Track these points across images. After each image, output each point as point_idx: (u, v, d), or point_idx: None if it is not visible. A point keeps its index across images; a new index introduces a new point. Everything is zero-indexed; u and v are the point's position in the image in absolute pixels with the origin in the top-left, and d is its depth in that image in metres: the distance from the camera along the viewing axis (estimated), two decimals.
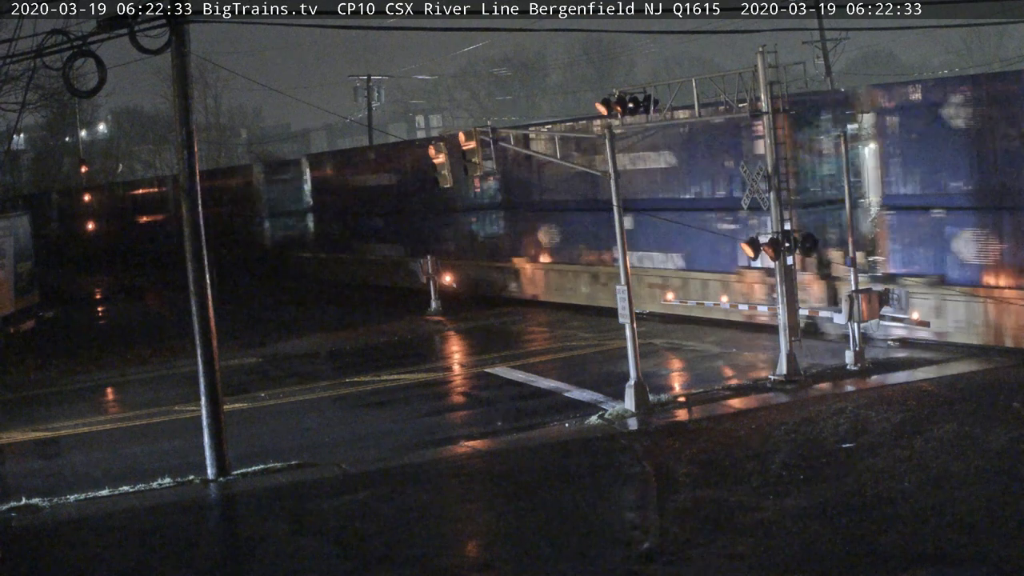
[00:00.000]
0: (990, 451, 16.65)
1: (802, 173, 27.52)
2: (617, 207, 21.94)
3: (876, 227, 26.32)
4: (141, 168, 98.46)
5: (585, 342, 29.30)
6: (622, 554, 14.13)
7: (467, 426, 22.10)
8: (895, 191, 25.82)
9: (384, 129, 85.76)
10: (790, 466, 16.91)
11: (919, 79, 28.41)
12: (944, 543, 13.49)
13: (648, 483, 16.90)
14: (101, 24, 18.26)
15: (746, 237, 23.45)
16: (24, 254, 36.08)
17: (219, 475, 18.98)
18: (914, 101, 25.41)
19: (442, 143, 24.88)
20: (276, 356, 31.14)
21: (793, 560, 13.41)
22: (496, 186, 37.92)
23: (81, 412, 25.56)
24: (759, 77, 22.28)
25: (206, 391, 19.26)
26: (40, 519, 17.49)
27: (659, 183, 31.49)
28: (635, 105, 22.84)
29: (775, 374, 22.61)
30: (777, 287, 22.89)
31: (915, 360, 23.64)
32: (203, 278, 19.25)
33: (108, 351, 33.37)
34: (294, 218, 53.14)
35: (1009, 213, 23.53)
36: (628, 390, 21.43)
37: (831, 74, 51.00)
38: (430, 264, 36.32)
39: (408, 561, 14.53)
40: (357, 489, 17.86)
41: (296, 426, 23.01)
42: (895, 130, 25.73)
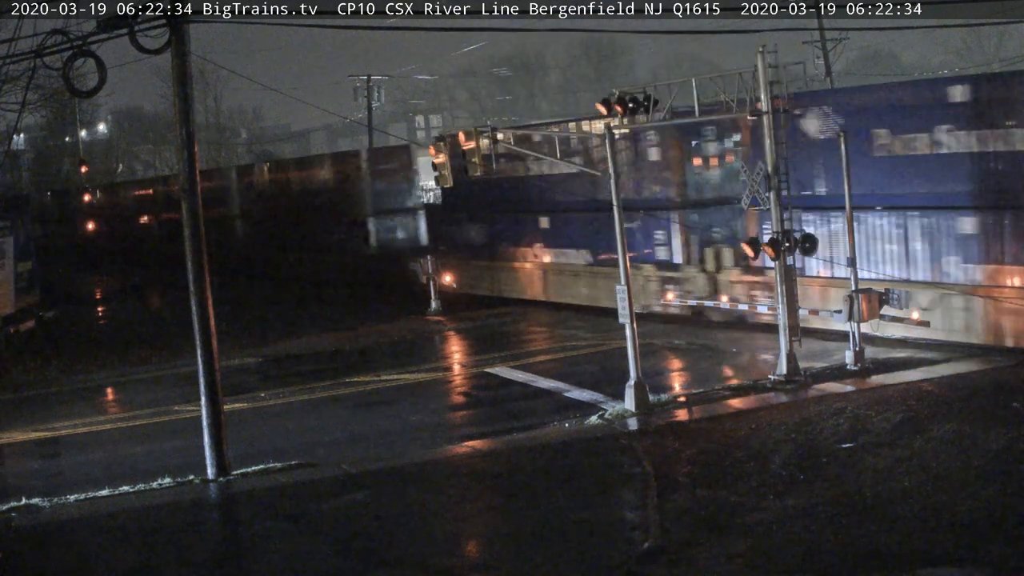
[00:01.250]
0: (990, 451, 16.65)
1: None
2: (617, 207, 21.93)
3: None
4: (141, 168, 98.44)
5: (586, 342, 29.30)
6: (622, 554, 14.13)
7: (467, 426, 22.11)
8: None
9: (384, 129, 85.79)
10: (790, 466, 16.92)
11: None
12: (944, 543, 13.49)
13: (648, 483, 16.89)
14: (101, 24, 18.26)
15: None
16: (24, 254, 36.09)
17: (219, 475, 18.98)
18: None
19: (442, 143, 24.83)
20: (276, 356, 31.17)
21: (793, 560, 13.41)
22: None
23: (81, 412, 25.56)
24: (759, 77, 22.28)
25: (206, 391, 19.26)
26: (40, 519, 17.49)
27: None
28: (635, 105, 22.86)
29: (775, 374, 22.61)
30: (776, 287, 22.89)
31: (915, 360, 23.64)
32: (203, 278, 19.24)
33: (109, 351, 33.40)
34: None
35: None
36: (628, 390, 21.43)
37: (831, 74, 51.00)
38: (430, 264, 36.32)
39: (408, 561, 14.54)
40: (357, 489, 17.86)
41: (296, 426, 23.01)
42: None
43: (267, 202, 53.50)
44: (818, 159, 26.77)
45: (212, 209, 52.57)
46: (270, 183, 54.58)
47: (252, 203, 55.07)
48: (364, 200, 45.94)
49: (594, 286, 33.59)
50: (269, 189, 54.20)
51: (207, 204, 19.87)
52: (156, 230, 64.58)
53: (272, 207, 52.61)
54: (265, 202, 53.79)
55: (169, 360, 31.04)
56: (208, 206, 20.21)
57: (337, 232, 47.53)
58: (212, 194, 56.46)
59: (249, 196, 55.33)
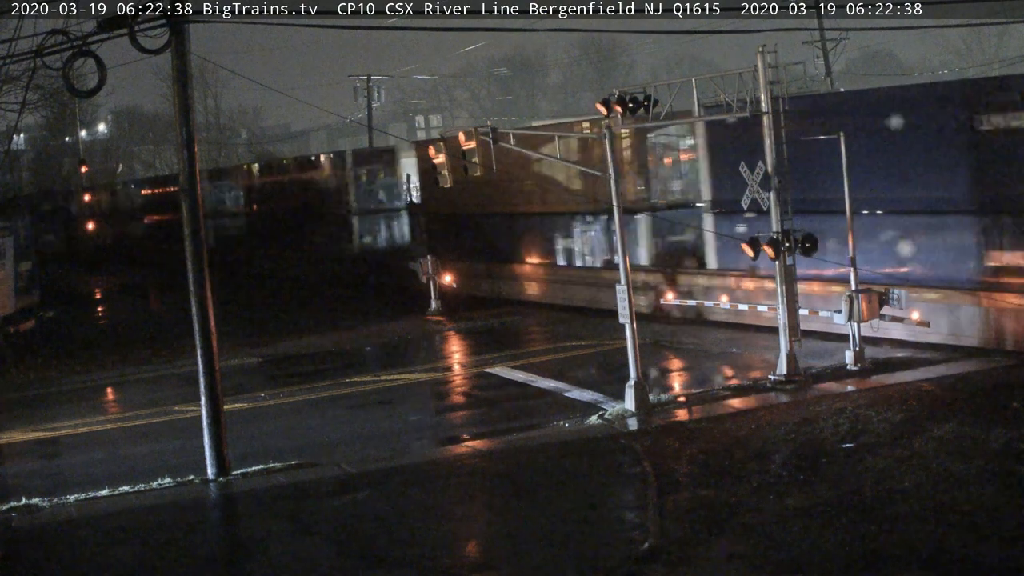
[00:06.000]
0: (990, 451, 16.64)
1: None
2: (617, 207, 21.93)
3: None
4: (141, 168, 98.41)
5: (585, 342, 29.31)
6: (622, 554, 14.13)
7: (467, 426, 22.11)
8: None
9: (384, 129, 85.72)
10: (790, 466, 16.91)
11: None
12: (944, 543, 13.49)
13: (648, 483, 16.89)
14: (101, 24, 18.27)
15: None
16: (24, 254, 36.08)
17: (219, 475, 18.98)
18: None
19: (441, 143, 24.84)
20: (276, 356, 31.16)
21: (793, 560, 13.41)
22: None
23: (81, 412, 25.56)
24: (759, 77, 22.27)
25: (206, 391, 19.26)
26: (40, 519, 17.50)
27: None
28: (635, 105, 22.85)
29: (775, 374, 22.61)
30: (777, 287, 22.87)
31: (915, 360, 23.63)
32: (203, 278, 19.24)
33: (109, 351, 33.39)
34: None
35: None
36: (628, 390, 21.42)
37: (831, 74, 50.99)
38: (430, 264, 36.30)
39: (408, 561, 14.54)
40: (357, 489, 17.86)
41: (296, 426, 23.01)
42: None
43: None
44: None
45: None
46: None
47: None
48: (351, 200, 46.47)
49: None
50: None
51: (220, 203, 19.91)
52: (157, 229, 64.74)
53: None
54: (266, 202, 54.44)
55: (169, 360, 31.03)
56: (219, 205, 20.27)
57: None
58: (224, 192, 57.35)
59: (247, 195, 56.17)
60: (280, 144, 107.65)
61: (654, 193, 32.84)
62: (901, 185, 25.41)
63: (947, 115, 24.53)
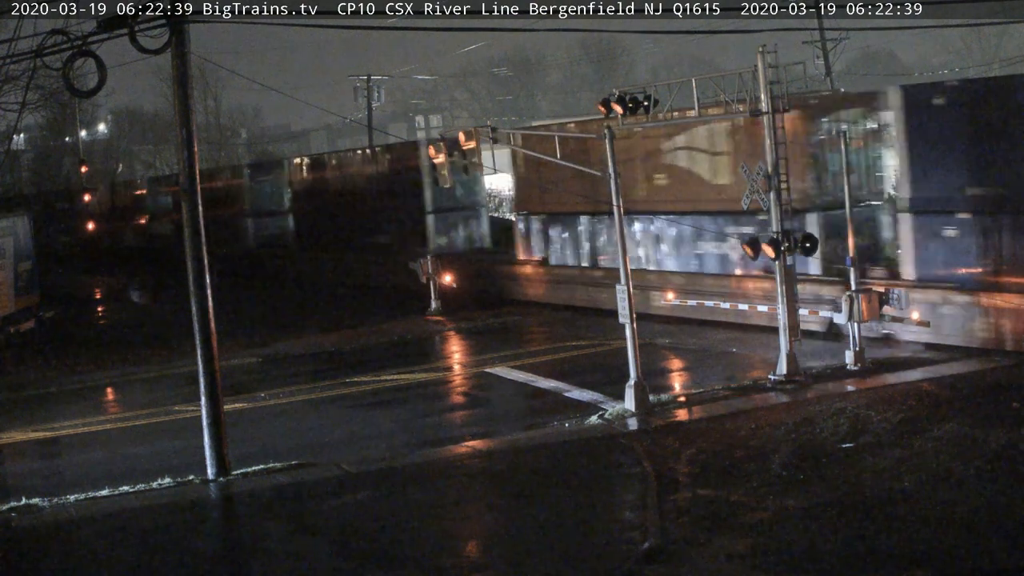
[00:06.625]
0: (990, 451, 16.64)
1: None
2: (617, 207, 21.92)
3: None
4: (141, 168, 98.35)
5: (586, 342, 29.31)
6: (622, 554, 14.13)
7: (467, 426, 22.11)
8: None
9: (384, 129, 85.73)
10: (790, 466, 16.91)
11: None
12: (944, 543, 13.49)
13: (648, 483, 16.89)
14: (101, 24, 18.27)
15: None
16: (24, 254, 36.08)
17: (219, 475, 18.98)
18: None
19: (441, 143, 24.82)
20: (276, 356, 31.14)
21: (793, 560, 13.41)
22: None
23: (81, 412, 25.56)
24: (759, 77, 22.27)
25: (206, 391, 19.26)
26: (40, 519, 17.49)
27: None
28: (635, 105, 22.85)
29: (775, 374, 22.60)
30: (777, 287, 22.88)
31: (915, 360, 23.63)
32: (203, 278, 19.24)
33: (109, 351, 33.38)
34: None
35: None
36: (628, 390, 21.42)
37: (831, 74, 50.97)
38: (430, 264, 36.28)
39: (408, 561, 14.54)
40: (357, 489, 17.86)
41: (296, 426, 23.01)
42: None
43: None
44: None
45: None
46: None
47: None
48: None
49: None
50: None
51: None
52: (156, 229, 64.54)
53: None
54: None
55: (169, 360, 31.02)
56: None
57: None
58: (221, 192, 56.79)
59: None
60: (280, 144, 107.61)
61: (835, 187, 26.71)
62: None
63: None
